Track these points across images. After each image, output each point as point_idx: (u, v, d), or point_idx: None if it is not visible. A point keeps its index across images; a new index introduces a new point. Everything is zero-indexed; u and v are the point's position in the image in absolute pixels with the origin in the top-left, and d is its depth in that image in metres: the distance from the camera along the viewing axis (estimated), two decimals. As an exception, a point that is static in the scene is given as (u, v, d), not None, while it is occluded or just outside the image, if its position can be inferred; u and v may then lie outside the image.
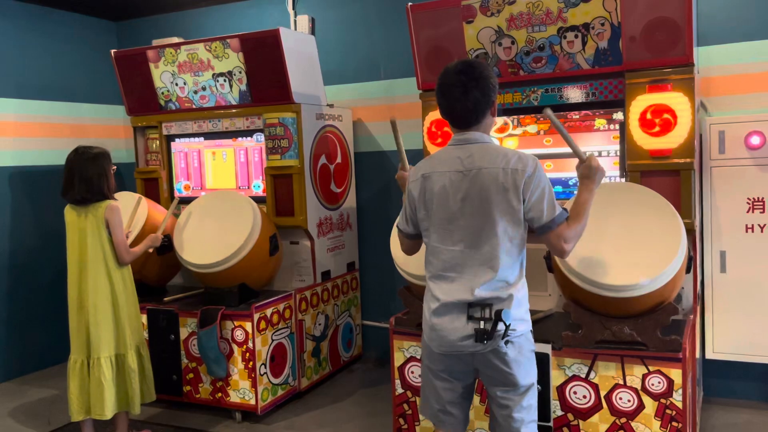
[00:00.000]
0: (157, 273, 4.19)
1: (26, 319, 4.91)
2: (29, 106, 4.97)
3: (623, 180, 3.23)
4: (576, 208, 2.27)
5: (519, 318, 2.23)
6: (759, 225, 3.41)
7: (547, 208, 2.17)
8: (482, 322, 2.15)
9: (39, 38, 5.06)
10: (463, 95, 2.21)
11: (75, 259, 3.28)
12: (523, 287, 2.27)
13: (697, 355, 3.33)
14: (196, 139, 4.53)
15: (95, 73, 5.44)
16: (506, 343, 2.19)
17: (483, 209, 2.18)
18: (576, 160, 2.42)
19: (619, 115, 3.27)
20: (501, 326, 2.15)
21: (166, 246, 3.84)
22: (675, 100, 3.02)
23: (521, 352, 2.23)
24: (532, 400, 2.30)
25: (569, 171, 3.43)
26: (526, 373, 2.26)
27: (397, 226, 2.55)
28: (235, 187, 4.43)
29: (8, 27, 4.85)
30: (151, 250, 3.66)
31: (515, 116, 3.52)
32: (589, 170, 2.33)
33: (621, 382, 2.80)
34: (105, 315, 3.25)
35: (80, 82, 5.37)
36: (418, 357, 3.20)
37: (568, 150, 3.36)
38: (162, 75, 4.40)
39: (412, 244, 2.52)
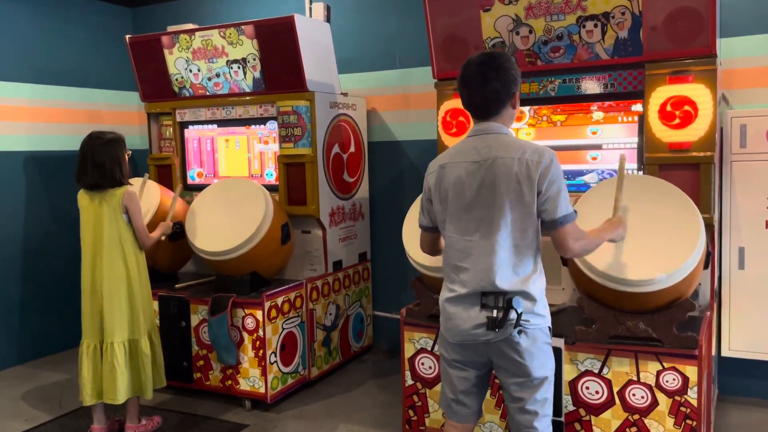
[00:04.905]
0: (169, 260, 4.20)
1: (39, 303, 4.93)
2: (44, 90, 4.98)
3: (641, 173, 3.18)
4: (597, 232, 2.43)
5: (536, 313, 2.21)
6: (779, 221, 3.35)
7: (561, 204, 2.15)
8: (495, 311, 2.15)
9: (55, 23, 5.06)
10: (483, 85, 2.21)
11: (89, 244, 3.29)
12: (539, 280, 2.24)
13: (713, 352, 3.28)
14: (210, 126, 4.52)
15: (110, 58, 5.44)
16: (519, 332, 2.17)
17: (496, 199, 2.17)
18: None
19: (638, 107, 3.21)
20: (513, 315, 2.14)
21: (179, 233, 3.84)
22: (696, 92, 2.96)
23: (535, 343, 2.21)
24: (546, 393, 2.27)
25: (581, 163, 3.39)
26: (540, 366, 2.23)
27: (420, 225, 2.53)
28: (247, 175, 4.42)
29: (25, 12, 4.85)
30: (163, 238, 3.67)
31: (532, 107, 3.47)
32: (620, 223, 2.58)
33: (634, 378, 2.76)
34: (120, 300, 3.27)
35: (95, 68, 5.37)
36: (429, 348, 3.18)
37: (582, 142, 3.37)
38: (176, 61, 4.39)
39: (431, 240, 2.50)
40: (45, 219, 4.97)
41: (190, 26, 4.39)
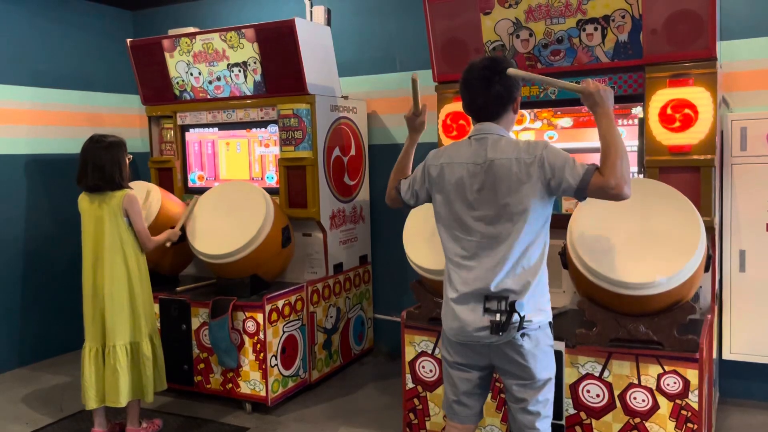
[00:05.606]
0: (170, 263, 4.20)
1: (40, 306, 4.94)
2: (45, 94, 4.99)
3: (641, 176, 3.18)
4: (606, 143, 2.12)
5: (537, 308, 2.22)
6: (780, 224, 3.35)
7: (570, 175, 2.11)
8: (498, 314, 2.16)
9: (55, 27, 5.08)
10: (486, 88, 2.23)
11: (90, 246, 3.30)
12: (542, 278, 2.25)
13: (714, 355, 3.28)
14: (210, 129, 4.52)
15: (111, 62, 5.45)
16: (522, 335, 2.19)
17: (497, 200, 2.19)
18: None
19: (638, 110, 3.21)
20: (516, 318, 2.15)
21: (180, 236, 3.84)
22: (696, 95, 2.96)
23: (538, 346, 2.23)
24: (548, 394, 2.30)
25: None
26: (543, 368, 2.25)
27: (396, 188, 2.58)
28: (248, 178, 4.42)
29: (25, 15, 4.86)
30: (168, 244, 3.67)
31: (532, 110, 3.47)
32: (593, 96, 2.18)
33: (635, 382, 2.76)
34: (121, 303, 3.27)
35: (96, 71, 5.38)
36: (430, 351, 3.18)
37: (587, 145, 3.37)
38: (177, 65, 4.39)
39: (397, 202, 2.61)
40: (46, 222, 4.98)
41: (191, 30, 4.40)
